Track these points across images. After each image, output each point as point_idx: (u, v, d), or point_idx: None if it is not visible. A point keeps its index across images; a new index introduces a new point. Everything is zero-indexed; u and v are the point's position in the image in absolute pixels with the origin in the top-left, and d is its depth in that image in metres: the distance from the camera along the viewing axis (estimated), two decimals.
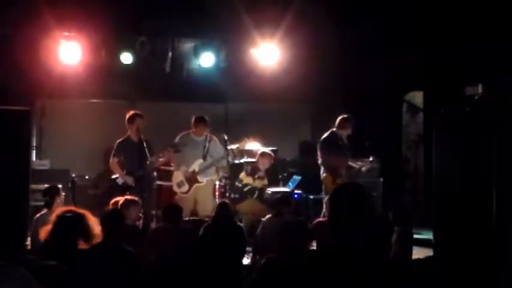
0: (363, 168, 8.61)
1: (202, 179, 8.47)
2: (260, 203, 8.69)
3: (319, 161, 8.51)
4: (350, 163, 8.54)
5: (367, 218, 2.83)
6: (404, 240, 6.15)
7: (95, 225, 4.80)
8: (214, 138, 8.66)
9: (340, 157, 8.43)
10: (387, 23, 8.90)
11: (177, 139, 8.57)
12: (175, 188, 8.57)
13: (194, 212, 8.29)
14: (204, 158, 8.49)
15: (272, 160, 8.99)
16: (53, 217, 4.87)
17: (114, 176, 8.67)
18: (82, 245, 4.73)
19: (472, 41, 8.47)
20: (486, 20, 8.25)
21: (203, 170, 8.47)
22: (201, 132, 8.51)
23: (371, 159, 8.67)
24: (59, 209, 4.99)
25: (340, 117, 8.53)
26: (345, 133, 8.54)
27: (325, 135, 8.54)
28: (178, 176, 8.56)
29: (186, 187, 8.49)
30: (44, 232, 4.84)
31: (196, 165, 8.48)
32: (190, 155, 8.49)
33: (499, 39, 8.18)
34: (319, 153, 8.47)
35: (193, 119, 8.56)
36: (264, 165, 8.90)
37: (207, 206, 8.33)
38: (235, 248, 6.17)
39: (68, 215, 4.81)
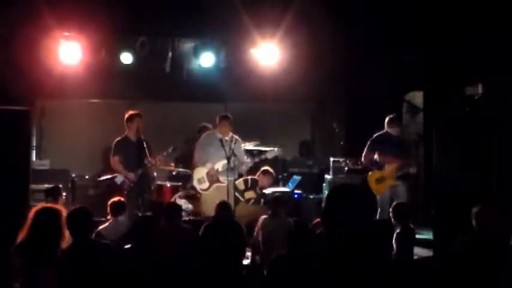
0: (411, 170, 8.40)
1: (224, 180, 8.32)
2: (253, 204, 8.70)
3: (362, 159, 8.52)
4: (400, 164, 8.28)
5: (363, 218, 2.83)
6: (405, 240, 6.15)
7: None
8: (239, 140, 8.59)
9: (384, 155, 8.33)
10: (387, 23, 8.89)
11: (202, 138, 8.49)
12: (194, 184, 8.48)
13: None
14: (229, 159, 8.40)
15: (272, 179, 8.96)
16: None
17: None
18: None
19: (472, 41, 8.47)
20: (486, 20, 8.24)
21: (226, 171, 8.30)
22: (225, 130, 8.40)
23: None
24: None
25: (387, 117, 8.47)
26: (393, 132, 8.41)
27: (377, 133, 8.49)
28: (199, 172, 8.45)
29: (206, 184, 8.39)
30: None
31: (220, 165, 8.36)
32: (215, 154, 8.36)
33: (499, 39, 8.17)
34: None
35: (218, 118, 8.49)
36: (264, 183, 8.87)
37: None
38: (235, 248, 6.15)
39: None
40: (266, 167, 9.02)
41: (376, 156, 8.41)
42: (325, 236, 2.86)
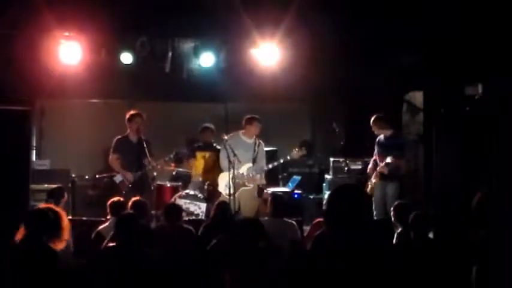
0: (380, 169, 8.50)
1: (250, 184, 8.27)
2: (261, 202, 8.68)
3: None
4: (380, 165, 8.45)
5: (364, 218, 2.83)
6: (405, 241, 6.14)
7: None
8: (262, 143, 8.56)
9: (376, 157, 8.58)
10: (387, 23, 8.89)
11: (226, 138, 8.32)
12: (221, 189, 8.39)
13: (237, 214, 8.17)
14: (254, 162, 8.32)
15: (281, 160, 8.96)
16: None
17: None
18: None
19: (472, 41, 8.46)
20: (486, 20, 8.24)
21: (252, 175, 8.26)
22: (253, 132, 8.35)
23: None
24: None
25: None
26: (378, 133, 8.60)
27: None
28: (225, 177, 8.31)
29: (232, 189, 8.20)
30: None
31: (245, 169, 8.30)
32: (240, 157, 8.23)
33: (499, 39, 8.17)
34: None
35: (245, 119, 8.44)
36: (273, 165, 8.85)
37: (251, 208, 8.19)
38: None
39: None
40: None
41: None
42: (327, 236, 2.86)
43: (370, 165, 8.79)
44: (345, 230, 2.80)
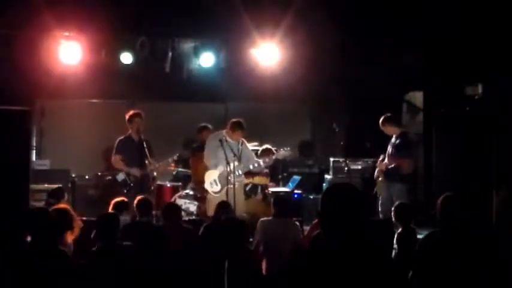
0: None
1: (236, 181, 8.31)
2: (265, 203, 8.67)
3: None
4: (387, 163, 8.37)
5: (358, 218, 2.81)
6: (406, 241, 6.14)
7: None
8: (245, 141, 8.60)
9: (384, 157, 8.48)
10: (387, 23, 8.89)
11: (210, 140, 8.42)
12: (207, 187, 8.43)
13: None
14: (239, 160, 8.37)
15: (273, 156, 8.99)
16: None
17: (103, 174, 8.63)
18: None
19: (472, 41, 8.47)
20: (486, 20, 8.25)
21: (237, 173, 8.28)
22: (235, 138, 8.40)
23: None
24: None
25: None
26: (386, 132, 8.49)
27: None
28: (211, 175, 8.42)
29: (218, 187, 8.31)
30: None
31: (230, 167, 8.30)
32: (225, 156, 8.27)
33: (499, 39, 8.18)
34: None
35: (230, 123, 8.45)
36: (265, 162, 8.88)
37: (240, 207, 8.22)
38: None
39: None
40: (265, 146, 9.22)
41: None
42: (323, 237, 2.85)
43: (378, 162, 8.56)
44: (339, 230, 2.79)
